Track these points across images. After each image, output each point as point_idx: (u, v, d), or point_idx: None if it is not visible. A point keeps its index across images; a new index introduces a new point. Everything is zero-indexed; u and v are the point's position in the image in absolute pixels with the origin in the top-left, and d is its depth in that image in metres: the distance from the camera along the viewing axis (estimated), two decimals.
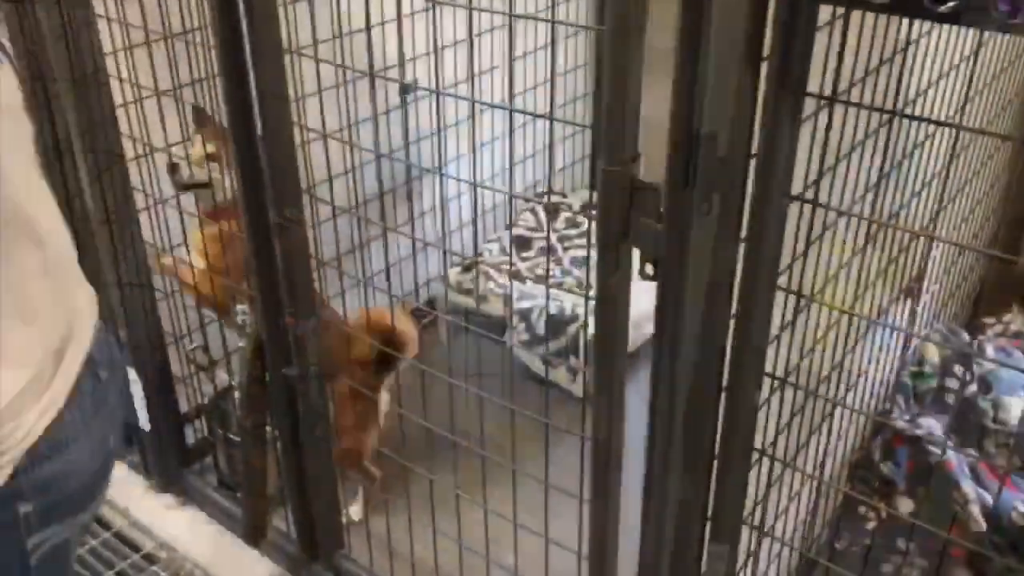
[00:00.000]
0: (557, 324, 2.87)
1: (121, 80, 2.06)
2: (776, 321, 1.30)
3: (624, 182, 1.25)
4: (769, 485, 1.46)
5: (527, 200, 3.52)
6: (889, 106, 1.30)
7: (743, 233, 1.18)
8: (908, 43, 1.55)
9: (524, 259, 3.22)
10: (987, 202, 2.75)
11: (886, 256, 1.89)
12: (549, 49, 3.16)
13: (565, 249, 3.26)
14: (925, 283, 2.43)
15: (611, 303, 1.35)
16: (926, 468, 2.28)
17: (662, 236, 1.24)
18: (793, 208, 1.21)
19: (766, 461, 1.42)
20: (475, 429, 1.78)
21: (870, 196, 1.49)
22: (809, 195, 1.23)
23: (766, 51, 1.07)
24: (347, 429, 2.27)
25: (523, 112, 2.63)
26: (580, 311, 2.92)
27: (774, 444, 1.42)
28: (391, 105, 2.20)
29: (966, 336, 2.55)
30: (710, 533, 1.41)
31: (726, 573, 1.44)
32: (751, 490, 1.42)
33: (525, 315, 2.91)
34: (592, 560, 1.59)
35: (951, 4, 0.90)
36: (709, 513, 1.39)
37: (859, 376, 2.00)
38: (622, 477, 1.53)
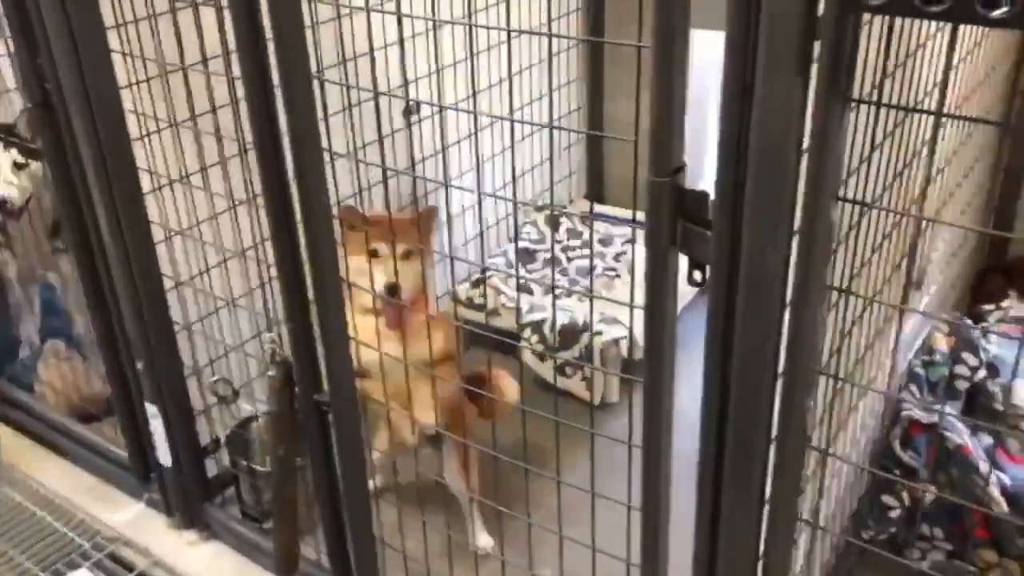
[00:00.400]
0: (569, 334, 2.89)
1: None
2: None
3: (671, 192, 1.27)
4: (823, 478, 1.48)
5: (532, 208, 3.55)
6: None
7: (795, 236, 1.21)
8: (919, 45, 1.60)
9: (530, 271, 3.25)
10: (980, 194, 2.82)
11: (902, 247, 1.94)
12: (543, 65, 3.21)
13: (569, 260, 3.30)
14: (932, 274, 2.48)
15: (660, 311, 1.37)
16: (945, 454, 2.32)
17: (711, 242, 1.26)
18: None
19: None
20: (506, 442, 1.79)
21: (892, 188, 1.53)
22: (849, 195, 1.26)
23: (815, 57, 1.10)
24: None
25: (527, 123, 2.64)
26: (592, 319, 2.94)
27: (824, 436, 1.45)
28: (395, 128, 2.22)
29: (970, 324, 2.60)
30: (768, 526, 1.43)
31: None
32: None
33: (537, 327, 2.93)
34: (644, 567, 1.61)
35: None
36: (766, 505, 1.42)
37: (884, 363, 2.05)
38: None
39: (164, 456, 2.38)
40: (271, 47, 1.61)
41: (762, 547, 1.45)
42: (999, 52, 2.42)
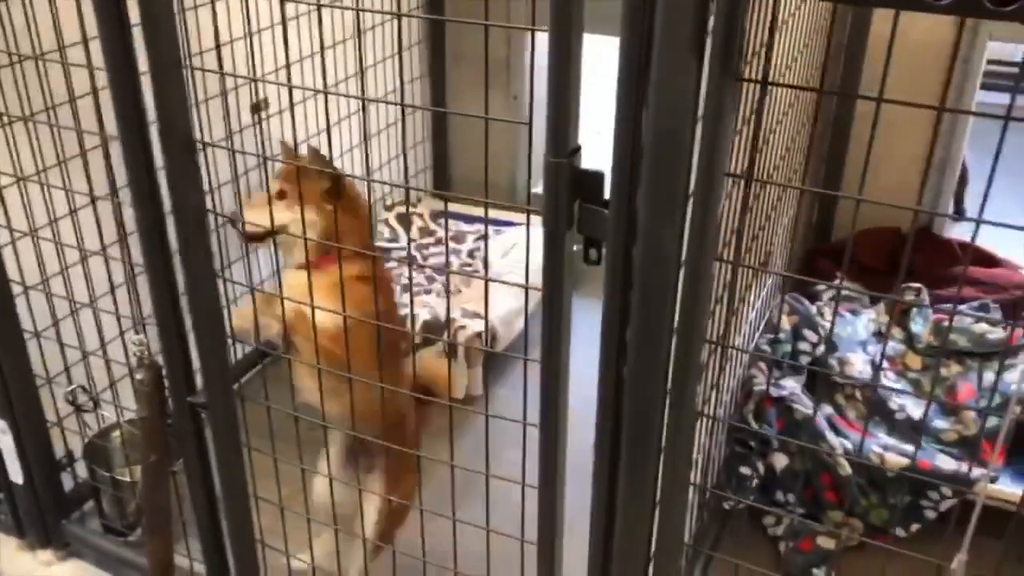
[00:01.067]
0: (433, 329, 2.91)
1: None
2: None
3: (569, 173, 1.32)
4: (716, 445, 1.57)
5: (382, 208, 3.54)
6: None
7: (688, 211, 1.28)
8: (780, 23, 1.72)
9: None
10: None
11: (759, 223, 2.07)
12: (394, 60, 3.21)
13: (424, 258, 3.31)
14: (776, 254, 2.65)
15: (558, 290, 1.41)
16: (793, 424, 2.49)
17: (608, 220, 1.32)
18: None
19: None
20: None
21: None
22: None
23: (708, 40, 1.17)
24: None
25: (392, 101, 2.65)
26: (454, 315, 2.97)
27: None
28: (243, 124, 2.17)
29: (807, 303, 2.79)
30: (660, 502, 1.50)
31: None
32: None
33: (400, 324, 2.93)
34: (541, 546, 1.65)
35: None
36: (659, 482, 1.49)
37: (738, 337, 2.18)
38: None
39: (15, 473, 2.23)
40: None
41: (656, 519, 1.52)
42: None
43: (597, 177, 1.33)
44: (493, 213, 3.61)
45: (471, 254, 3.39)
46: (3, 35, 1.90)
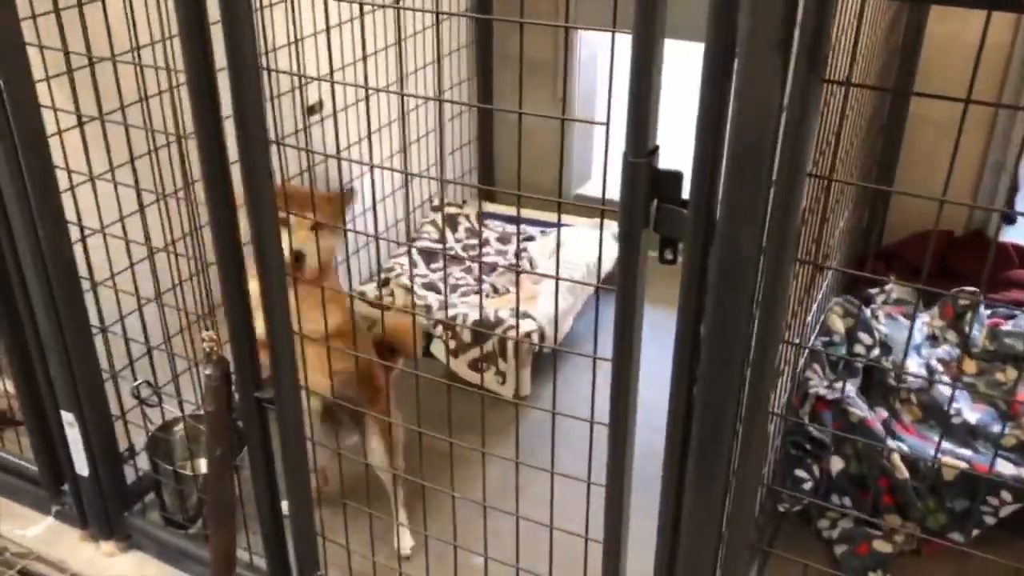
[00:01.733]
0: (483, 328, 2.92)
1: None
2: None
3: (647, 172, 1.33)
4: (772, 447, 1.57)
5: (429, 208, 3.56)
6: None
7: (768, 212, 1.28)
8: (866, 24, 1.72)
9: (434, 271, 3.26)
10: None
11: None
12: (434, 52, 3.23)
13: (471, 258, 3.33)
14: (832, 256, 2.65)
15: (632, 289, 1.42)
16: (849, 428, 2.48)
17: (687, 220, 1.33)
18: None
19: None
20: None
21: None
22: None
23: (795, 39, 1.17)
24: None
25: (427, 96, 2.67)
26: (502, 315, 2.98)
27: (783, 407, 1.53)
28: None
29: (860, 306, 2.77)
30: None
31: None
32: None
33: (449, 324, 2.95)
34: (607, 542, 1.66)
35: None
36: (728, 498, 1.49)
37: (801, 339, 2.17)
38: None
39: (81, 465, 2.27)
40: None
41: (725, 521, 1.52)
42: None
43: (676, 177, 1.33)
44: (538, 214, 3.66)
45: (517, 255, 3.40)
46: (82, 37, 1.94)
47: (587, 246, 3.38)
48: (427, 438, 1.81)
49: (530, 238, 3.52)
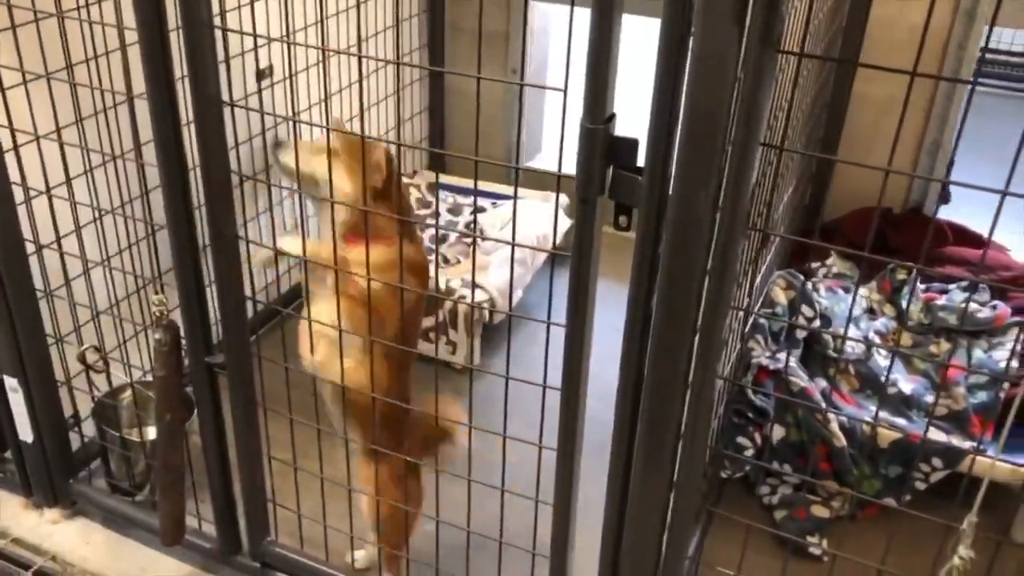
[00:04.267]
0: (433, 300, 2.93)
1: None
2: None
3: (603, 139, 1.35)
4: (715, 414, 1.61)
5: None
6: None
7: (724, 179, 1.31)
8: None
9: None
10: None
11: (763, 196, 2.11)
12: (391, 32, 3.22)
13: (422, 229, 3.33)
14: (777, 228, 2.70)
15: (588, 255, 1.45)
16: (790, 396, 2.55)
17: (642, 186, 1.35)
18: None
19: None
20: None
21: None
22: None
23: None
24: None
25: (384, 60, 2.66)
26: (453, 285, 3.00)
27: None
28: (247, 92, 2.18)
29: (802, 279, 2.84)
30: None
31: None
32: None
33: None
34: (558, 505, 1.70)
35: None
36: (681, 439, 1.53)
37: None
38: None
39: (24, 432, 2.24)
40: None
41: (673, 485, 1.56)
42: None
43: (632, 144, 1.36)
44: (489, 186, 3.67)
45: (468, 226, 3.41)
46: None
47: (537, 218, 3.41)
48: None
49: (481, 209, 3.54)
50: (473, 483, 1.80)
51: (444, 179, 3.78)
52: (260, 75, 2.71)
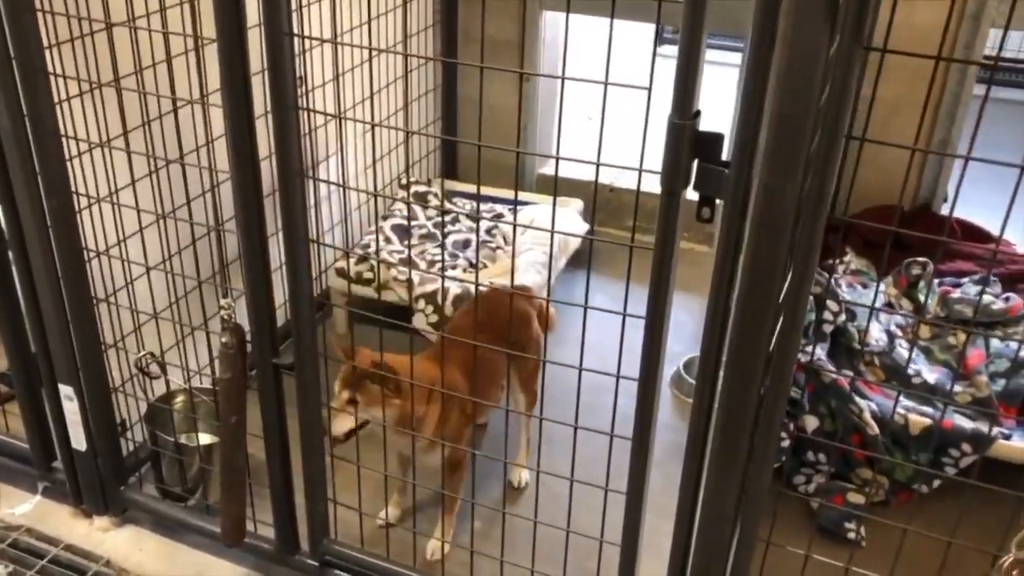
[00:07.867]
0: (463, 303, 2.98)
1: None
2: None
3: (690, 134, 1.41)
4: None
5: (398, 187, 3.59)
6: None
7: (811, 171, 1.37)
8: None
9: (407, 248, 3.30)
10: None
11: None
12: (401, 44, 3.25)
13: (444, 235, 3.37)
14: None
15: (670, 247, 1.50)
16: (822, 388, 2.62)
17: (727, 179, 1.41)
18: None
19: None
20: None
21: None
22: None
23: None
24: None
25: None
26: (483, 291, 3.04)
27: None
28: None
29: (827, 275, 2.92)
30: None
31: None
32: None
33: (431, 298, 2.99)
34: (631, 493, 1.75)
35: None
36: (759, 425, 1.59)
37: None
38: None
39: (77, 441, 2.26)
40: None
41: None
42: None
43: (717, 139, 1.42)
44: (506, 193, 3.72)
45: (490, 232, 3.45)
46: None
47: (558, 222, 3.46)
48: None
49: (499, 215, 3.59)
50: (543, 474, 1.86)
51: (459, 186, 3.82)
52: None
